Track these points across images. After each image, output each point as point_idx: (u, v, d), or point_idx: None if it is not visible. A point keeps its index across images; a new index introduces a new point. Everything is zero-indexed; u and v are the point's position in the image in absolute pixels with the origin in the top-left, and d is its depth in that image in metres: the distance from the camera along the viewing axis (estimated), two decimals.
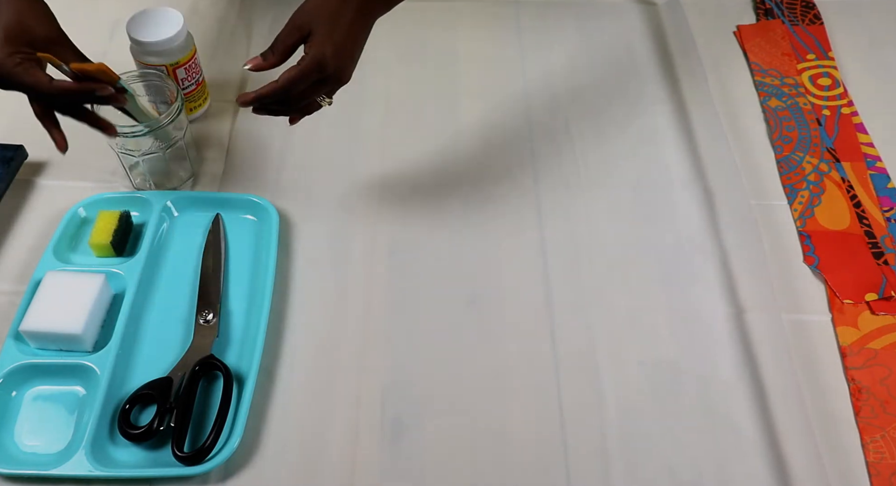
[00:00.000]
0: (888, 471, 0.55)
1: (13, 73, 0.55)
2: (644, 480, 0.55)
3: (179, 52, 0.70)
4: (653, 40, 0.86)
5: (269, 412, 0.57)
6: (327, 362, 0.60)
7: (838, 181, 0.73)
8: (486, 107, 0.78)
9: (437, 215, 0.70)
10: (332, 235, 0.68)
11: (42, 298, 0.58)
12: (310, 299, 0.63)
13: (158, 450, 0.54)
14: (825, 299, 0.65)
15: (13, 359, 0.57)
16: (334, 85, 0.59)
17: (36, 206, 0.69)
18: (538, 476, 0.55)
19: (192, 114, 0.75)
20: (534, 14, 0.89)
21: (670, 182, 0.73)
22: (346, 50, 0.57)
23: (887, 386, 0.59)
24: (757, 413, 0.58)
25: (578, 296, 0.64)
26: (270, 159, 0.73)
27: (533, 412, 0.58)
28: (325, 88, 0.58)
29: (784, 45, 0.85)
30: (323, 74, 0.56)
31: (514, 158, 0.74)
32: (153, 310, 0.62)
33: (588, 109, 0.79)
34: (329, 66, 0.56)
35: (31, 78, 0.55)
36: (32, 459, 0.54)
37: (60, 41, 0.58)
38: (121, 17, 0.81)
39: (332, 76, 0.57)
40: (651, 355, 0.61)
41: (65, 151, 0.59)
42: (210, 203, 0.68)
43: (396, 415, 0.57)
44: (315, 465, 0.55)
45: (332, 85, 0.58)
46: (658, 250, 0.67)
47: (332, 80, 0.58)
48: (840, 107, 0.79)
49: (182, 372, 0.57)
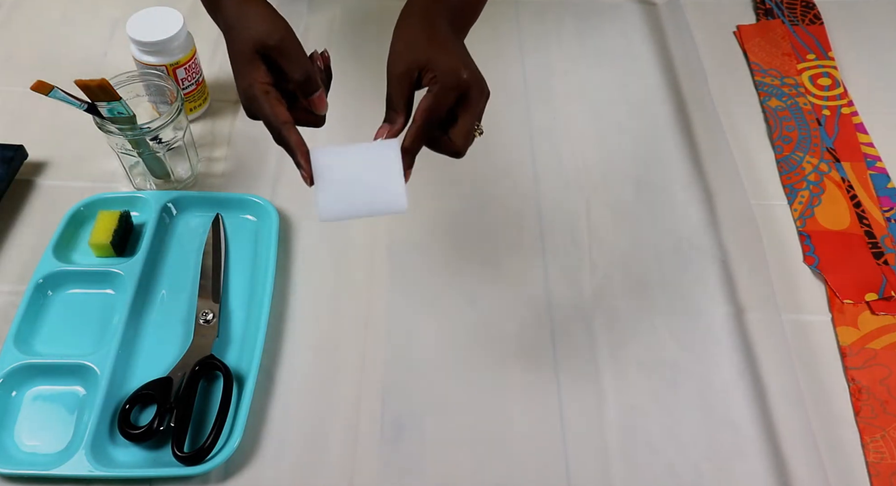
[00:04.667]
0: (888, 471, 0.55)
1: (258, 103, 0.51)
2: (644, 480, 0.55)
3: (179, 52, 0.70)
4: (653, 40, 0.86)
5: (269, 412, 0.57)
6: (327, 362, 0.60)
7: (838, 181, 0.73)
8: (487, 107, 0.78)
9: (437, 215, 0.70)
10: (332, 235, 0.68)
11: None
12: (310, 299, 0.63)
13: (158, 450, 0.54)
14: (825, 299, 0.65)
15: (13, 359, 0.57)
16: (478, 99, 0.52)
17: (36, 206, 0.69)
18: (538, 476, 0.55)
19: (192, 114, 0.75)
20: (534, 14, 0.89)
21: (670, 182, 0.73)
22: (464, 58, 0.52)
23: (887, 386, 0.59)
24: (757, 413, 0.58)
25: (578, 296, 0.64)
26: (270, 159, 0.73)
27: (533, 412, 0.58)
28: (471, 109, 0.52)
29: (784, 45, 0.85)
30: (460, 89, 0.51)
31: (514, 158, 0.74)
32: (153, 310, 0.62)
33: (588, 109, 0.79)
34: (461, 76, 0.50)
35: (268, 110, 0.51)
36: (32, 459, 0.54)
37: (290, 45, 0.53)
38: (121, 17, 0.82)
39: (471, 87, 0.51)
40: (651, 355, 0.61)
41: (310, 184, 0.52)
42: (210, 203, 0.68)
43: (396, 415, 0.57)
44: (315, 465, 0.55)
45: (476, 100, 0.52)
46: (658, 250, 0.67)
47: (474, 93, 0.52)
48: (840, 107, 0.79)
49: (182, 372, 0.57)
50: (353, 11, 0.85)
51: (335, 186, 0.51)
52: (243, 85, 0.52)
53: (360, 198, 0.51)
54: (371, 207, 0.51)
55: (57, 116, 0.71)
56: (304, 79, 0.52)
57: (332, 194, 0.51)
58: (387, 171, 0.51)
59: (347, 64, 0.52)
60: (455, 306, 0.63)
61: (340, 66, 0.60)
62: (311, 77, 0.52)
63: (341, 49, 0.60)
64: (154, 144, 0.65)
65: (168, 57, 0.69)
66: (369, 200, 0.51)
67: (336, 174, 0.51)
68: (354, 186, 0.51)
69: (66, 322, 0.61)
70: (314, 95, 0.53)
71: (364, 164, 0.51)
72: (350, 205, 0.51)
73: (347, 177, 0.51)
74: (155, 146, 0.65)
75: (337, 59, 0.58)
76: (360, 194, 0.51)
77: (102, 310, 0.61)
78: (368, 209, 0.51)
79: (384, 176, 0.51)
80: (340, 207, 0.51)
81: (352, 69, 0.53)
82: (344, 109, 0.61)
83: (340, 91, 0.58)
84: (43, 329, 0.60)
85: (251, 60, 0.52)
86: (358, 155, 0.52)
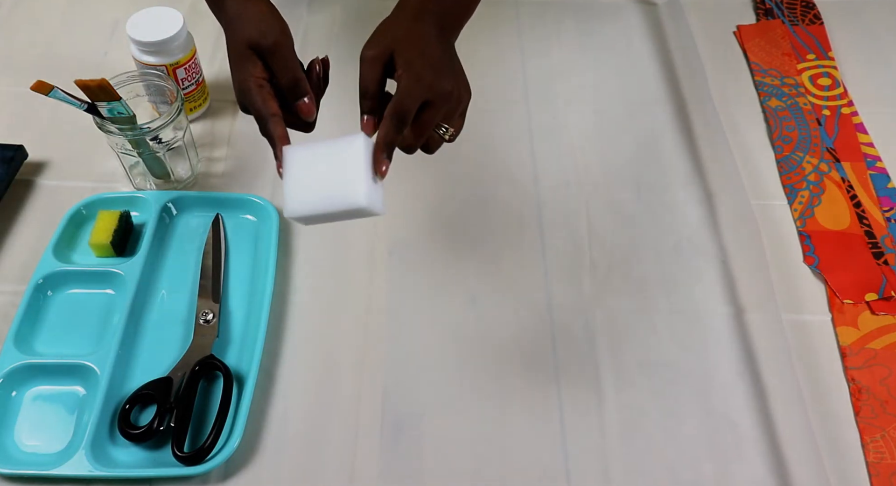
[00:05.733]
0: (888, 471, 0.55)
1: (251, 95, 0.52)
2: (644, 480, 0.55)
3: (179, 52, 0.70)
4: (653, 40, 0.86)
5: (269, 412, 0.57)
6: (327, 362, 0.60)
7: (838, 181, 0.73)
8: (487, 107, 0.78)
9: (437, 215, 0.70)
10: (332, 236, 0.68)
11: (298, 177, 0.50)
12: (310, 298, 0.63)
13: (158, 450, 0.54)
14: (825, 299, 0.65)
15: (13, 359, 0.57)
16: (442, 105, 0.51)
17: (36, 206, 0.69)
18: (538, 477, 0.55)
19: (192, 114, 0.75)
20: (534, 14, 0.89)
21: (670, 182, 0.73)
22: (437, 60, 0.51)
23: (887, 386, 0.59)
24: (757, 413, 0.58)
25: (578, 296, 0.64)
26: (270, 159, 0.72)
27: (532, 412, 0.58)
28: (436, 114, 0.51)
29: (784, 45, 0.85)
30: (424, 91, 0.50)
31: (514, 158, 0.74)
32: (153, 310, 0.62)
33: (588, 109, 0.79)
34: (426, 77, 0.50)
35: (259, 102, 0.52)
36: (32, 459, 0.54)
37: (282, 49, 0.53)
38: (121, 17, 0.82)
39: (435, 92, 0.50)
40: (651, 355, 0.61)
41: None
42: (210, 203, 0.68)
43: (396, 415, 0.57)
44: (315, 465, 0.55)
45: (441, 105, 0.51)
46: (658, 250, 0.67)
47: (439, 99, 0.51)
48: (840, 107, 0.79)
49: (182, 372, 0.57)
50: (353, 12, 0.85)
51: (301, 183, 0.49)
52: (238, 78, 0.52)
53: (322, 193, 0.49)
54: (331, 204, 0.48)
55: (57, 116, 0.71)
56: (291, 84, 0.52)
57: (297, 191, 0.49)
58: (350, 165, 0.48)
59: (347, 65, 0.52)
60: (455, 306, 0.63)
61: (340, 67, 0.60)
62: (299, 83, 0.52)
63: (341, 50, 0.60)
64: (154, 144, 0.65)
65: (168, 57, 0.69)
66: (329, 195, 0.48)
67: (303, 170, 0.49)
68: (317, 182, 0.49)
69: (66, 322, 0.61)
70: (300, 101, 0.53)
71: (331, 159, 0.49)
72: (311, 201, 0.49)
73: (313, 172, 0.49)
74: (155, 146, 0.65)
75: (336, 60, 0.58)
76: (322, 189, 0.49)
77: (102, 310, 0.61)
78: (328, 206, 0.48)
79: (346, 170, 0.48)
80: (302, 204, 0.49)
81: (351, 70, 0.53)
82: (341, 108, 0.61)
83: (339, 92, 0.58)
84: (43, 329, 0.60)
85: (248, 57, 0.52)
86: (326, 150, 0.50)
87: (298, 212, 0.49)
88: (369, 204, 0.48)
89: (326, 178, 0.49)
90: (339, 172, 0.49)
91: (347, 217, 0.50)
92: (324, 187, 0.49)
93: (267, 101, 0.51)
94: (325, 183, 0.49)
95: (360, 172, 0.48)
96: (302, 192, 0.49)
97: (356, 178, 0.48)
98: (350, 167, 0.49)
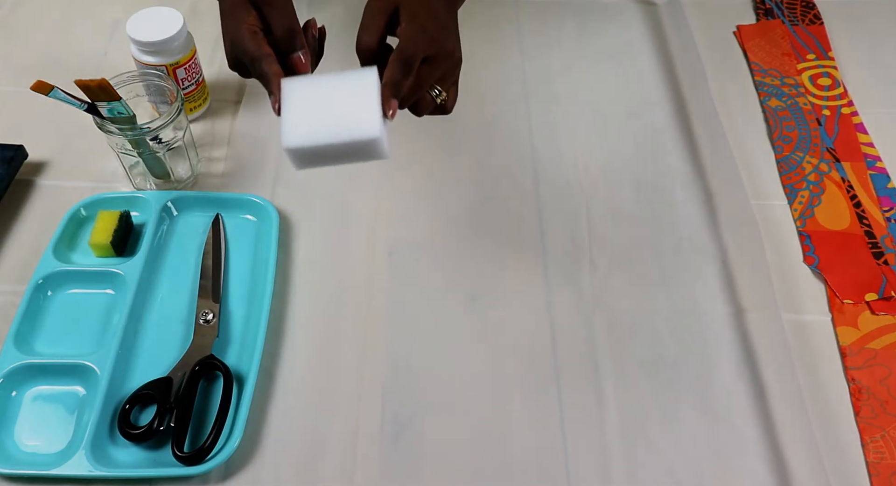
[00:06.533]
0: (888, 471, 0.55)
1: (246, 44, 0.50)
2: (644, 480, 0.55)
3: (179, 52, 0.70)
4: (653, 40, 0.86)
5: (269, 412, 0.57)
6: (327, 362, 0.60)
7: (838, 181, 0.73)
8: (487, 107, 0.78)
9: (436, 215, 0.70)
10: (332, 236, 0.68)
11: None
12: (310, 299, 0.63)
13: (158, 450, 0.54)
14: (825, 299, 0.65)
15: (13, 359, 0.57)
16: (443, 62, 0.51)
17: (36, 206, 0.69)
18: (538, 477, 0.55)
19: (192, 114, 0.75)
20: (534, 14, 0.89)
21: (670, 182, 0.73)
22: (441, 18, 0.51)
23: (887, 386, 0.59)
24: (757, 413, 0.58)
25: (578, 296, 0.64)
26: (270, 159, 0.73)
27: (533, 412, 0.58)
28: (435, 71, 0.51)
29: (784, 45, 0.85)
30: (427, 44, 0.49)
31: (514, 158, 0.74)
32: (153, 310, 0.62)
33: (588, 109, 0.79)
34: (429, 30, 0.49)
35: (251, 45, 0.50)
36: (32, 459, 0.54)
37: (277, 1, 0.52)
38: (121, 17, 0.82)
39: (437, 47, 0.50)
40: (651, 355, 0.61)
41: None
42: (210, 203, 0.68)
43: (396, 415, 0.57)
44: (315, 465, 0.55)
45: (441, 62, 0.51)
46: (658, 250, 0.67)
47: (440, 55, 0.50)
48: (840, 107, 0.79)
49: (182, 372, 0.57)
50: (353, 11, 0.85)
51: (303, 112, 0.46)
52: (231, 29, 0.51)
53: (328, 122, 0.45)
54: (338, 133, 0.45)
55: (57, 116, 0.71)
56: (287, 35, 0.50)
57: (298, 119, 0.46)
58: (361, 96, 0.45)
59: (347, 63, 0.52)
60: (455, 306, 0.63)
61: (340, 66, 0.59)
62: (296, 35, 0.51)
63: (341, 48, 0.60)
64: (154, 144, 0.65)
65: (168, 57, 0.69)
66: (338, 125, 0.45)
67: (306, 100, 0.46)
68: (323, 111, 0.46)
69: (66, 322, 0.61)
70: (295, 55, 0.51)
71: (338, 90, 0.46)
72: (316, 131, 0.45)
73: (317, 102, 0.46)
74: (155, 146, 0.65)
75: (337, 59, 0.58)
76: (328, 119, 0.45)
77: (102, 310, 0.61)
78: (337, 135, 0.45)
79: (357, 101, 0.45)
80: (306, 133, 0.45)
81: (352, 67, 0.53)
82: None
83: None
84: (43, 329, 0.60)
85: (242, 5, 0.51)
86: (332, 82, 0.47)
87: (300, 142, 0.45)
88: (382, 137, 0.45)
89: (334, 107, 0.46)
90: (348, 102, 0.46)
91: (351, 156, 0.46)
92: (332, 117, 0.45)
93: (261, 44, 0.50)
94: (333, 112, 0.46)
95: (374, 102, 0.45)
96: (305, 121, 0.46)
97: (369, 106, 0.45)
98: (362, 97, 0.46)
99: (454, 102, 0.56)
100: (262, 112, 0.76)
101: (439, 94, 0.54)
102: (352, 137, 0.45)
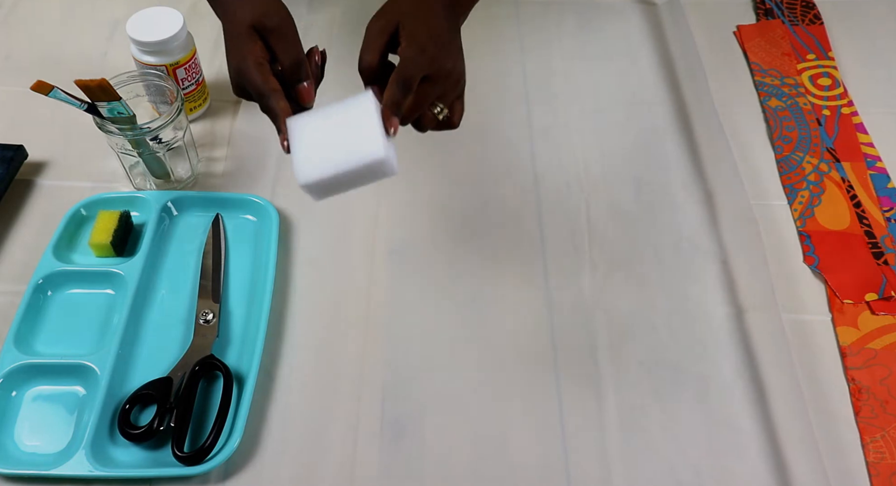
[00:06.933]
0: (888, 471, 0.55)
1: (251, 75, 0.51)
2: (644, 480, 0.55)
3: (179, 52, 0.70)
4: (653, 40, 0.86)
5: (269, 412, 0.57)
6: (327, 361, 0.60)
7: (838, 181, 0.73)
8: (487, 107, 0.78)
9: (436, 215, 0.70)
10: (332, 235, 0.68)
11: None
12: (310, 299, 0.63)
13: (158, 450, 0.54)
14: (825, 299, 0.65)
15: (13, 359, 0.57)
16: (442, 81, 0.51)
17: (36, 206, 0.69)
18: (538, 476, 0.55)
19: (192, 114, 0.75)
20: (534, 14, 0.89)
21: (670, 182, 0.73)
22: (441, 36, 0.51)
23: (887, 386, 0.59)
24: (757, 413, 0.58)
25: (578, 296, 0.64)
26: (270, 159, 0.73)
27: (532, 412, 0.58)
28: (435, 89, 0.52)
29: (784, 45, 0.85)
30: (427, 64, 0.50)
31: (514, 158, 0.74)
32: (153, 310, 0.62)
33: (588, 109, 0.79)
34: (429, 50, 0.50)
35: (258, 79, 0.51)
36: (32, 459, 0.54)
37: (287, 29, 0.52)
38: (121, 17, 0.82)
39: (437, 67, 0.50)
40: (651, 355, 0.61)
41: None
42: (210, 203, 0.68)
43: (396, 415, 0.57)
44: (315, 465, 0.55)
45: (441, 81, 0.51)
46: (658, 250, 0.67)
47: (440, 74, 0.51)
48: (840, 107, 0.79)
49: (182, 372, 0.57)
50: (353, 11, 0.85)
51: (311, 147, 0.48)
52: (237, 59, 0.51)
53: (335, 152, 0.47)
54: (347, 160, 0.47)
55: (57, 116, 0.71)
56: (293, 66, 0.51)
57: (308, 155, 0.48)
58: (362, 121, 0.48)
59: (347, 64, 0.53)
60: (455, 306, 0.63)
61: (340, 67, 0.60)
62: (302, 65, 0.51)
63: (341, 49, 0.60)
64: (154, 144, 0.65)
65: (168, 57, 0.69)
66: (345, 153, 0.47)
67: (312, 135, 0.48)
68: (329, 142, 0.48)
69: (66, 322, 0.61)
70: (300, 85, 0.52)
71: (340, 119, 0.48)
72: (326, 163, 0.47)
73: (323, 135, 0.48)
74: (155, 146, 0.65)
75: (337, 60, 0.58)
76: (336, 149, 0.47)
77: (102, 310, 0.61)
78: (346, 163, 0.47)
79: (359, 127, 0.48)
80: (317, 167, 0.47)
81: (351, 70, 0.53)
82: None
83: (339, 91, 0.58)
84: (43, 329, 0.60)
85: (248, 36, 0.51)
86: (334, 112, 0.49)
87: (314, 177, 0.47)
88: (388, 156, 0.47)
89: (339, 137, 0.48)
90: (351, 129, 0.48)
91: (364, 179, 0.48)
92: (338, 147, 0.47)
93: (267, 78, 0.50)
94: (339, 142, 0.48)
95: (375, 125, 0.47)
96: (314, 156, 0.48)
97: (371, 130, 0.47)
98: (363, 122, 0.48)
99: (461, 116, 0.56)
100: (262, 113, 0.76)
101: (441, 110, 0.54)
102: (360, 162, 0.47)
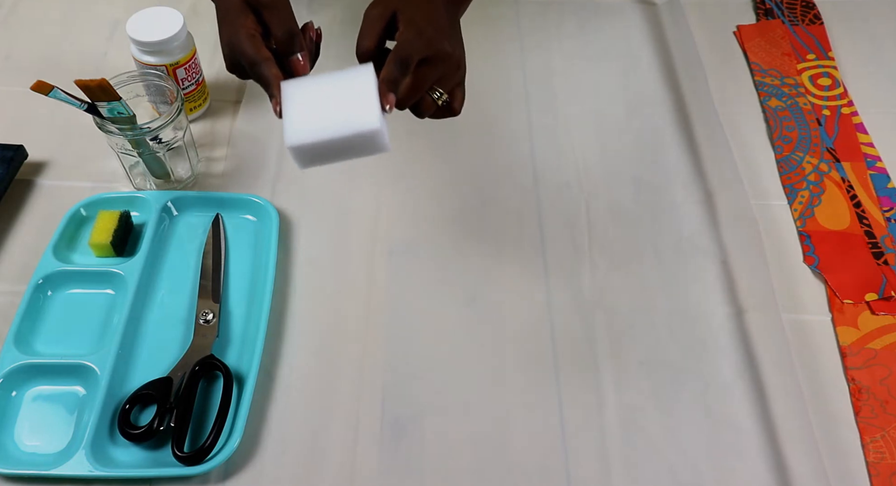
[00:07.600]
0: (888, 471, 0.55)
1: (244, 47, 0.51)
2: (644, 480, 0.55)
3: (179, 52, 0.70)
4: (653, 40, 0.86)
5: (269, 412, 0.57)
6: (327, 362, 0.60)
7: (838, 181, 0.73)
8: (487, 107, 0.78)
9: (436, 215, 0.70)
10: (332, 236, 0.68)
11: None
12: (310, 299, 0.63)
13: (158, 450, 0.54)
14: (825, 299, 0.65)
15: (13, 359, 0.57)
16: (441, 63, 0.51)
17: (36, 206, 0.69)
18: (538, 476, 0.55)
19: (192, 114, 0.75)
20: (534, 14, 0.89)
21: (670, 182, 0.73)
22: (440, 22, 0.51)
23: (887, 386, 0.59)
24: (757, 413, 0.58)
25: (578, 296, 0.64)
26: (270, 159, 0.73)
27: (533, 412, 0.58)
28: (433, 71, 0.51)
29: (784, 45, 0.85)
30: (424, 46, 0.50)
31: (514, 158, 0.74)
32: (153, 310, 0.62)
33: (588, 109, 0.79)
34: (427, 33, 0.50)
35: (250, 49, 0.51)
36: (32, 459, 0.54)
37: (277, 4, 0.52)
38: (121, 17, 0.82)
39: (435, 49, 0.50)
40: (651, 355, 0.61)
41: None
42: (210, 203, 0.68)
43: (396, 415, 0.57)
44: (315, 465, 0.55)
45: (439, 63, 0.51)
46: (658, 250, 0.67)
47: (438, 56, 0.51)
48: (840, 107, 0.79)
49: (182, 372, 0.57)
50: (353, 11, 0.85)
51: (303, 111, 0.47)
52: (229, 32, 0.51)
53: (328, 118, 0.47)
54: (340, 128, 0.46)
55: (57, 116, 0.71)
56: (286, 37, 0.51)
57: (299, 118, 0.47)
58: (359, 91, 0.47)
59: (346, 64, 0.52)
60: (455, 306, 0.63)
61: (340, 67, 0.59)
62: (295, 37, 0.51)
63: (341, 49, 0.60)
64: (154, 144, 0.65)
65: (168, 57, 0.69)
66: (339, 120, 0.46)
67: (306, 99, 0.48)
68: (323, 108, 0.47)
69: (66, 322, 0.61)
70: (294, 57, 0.51)
71: (336, 87, 0.48)
72: (318, 128, 0.46)
73: (317, 101, 0.47)
74: (155, 146, 0.65)
75: (336, 60, 0.58)
76: (329, 115, 0.47)
77: (102, 310, 0.61)
78: (339, 130, 0.46)
79: (356, 96, 0.47)
80: (308, 131, 0.47)
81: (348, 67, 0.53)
82: None
83: None
84: (43, 329, 0.60)
85: (240, 9, 0.51)
86: (331, 80, 0.49)
87: (304, 140, 0.47)
88: (382, 129, 0.46)
89: (334, 104, 0.47)
90: (348, 98, 0.47)
91: (354, 151, 0.48)
92: (332, 113, 0.47)
93: (259, 47, 0.50)
94: (333, 109, 0.47)
95: (372, 97, 0.47)
96: (306, 120, 0.47)
97: (368, 101, 0.47)
98: (361, 92, 0.47)
99: (461, 104, 0.56)
100: (262, 112, 0.76)
101: (440, 95, 0.54)
102: (353, 130, 0.46)
